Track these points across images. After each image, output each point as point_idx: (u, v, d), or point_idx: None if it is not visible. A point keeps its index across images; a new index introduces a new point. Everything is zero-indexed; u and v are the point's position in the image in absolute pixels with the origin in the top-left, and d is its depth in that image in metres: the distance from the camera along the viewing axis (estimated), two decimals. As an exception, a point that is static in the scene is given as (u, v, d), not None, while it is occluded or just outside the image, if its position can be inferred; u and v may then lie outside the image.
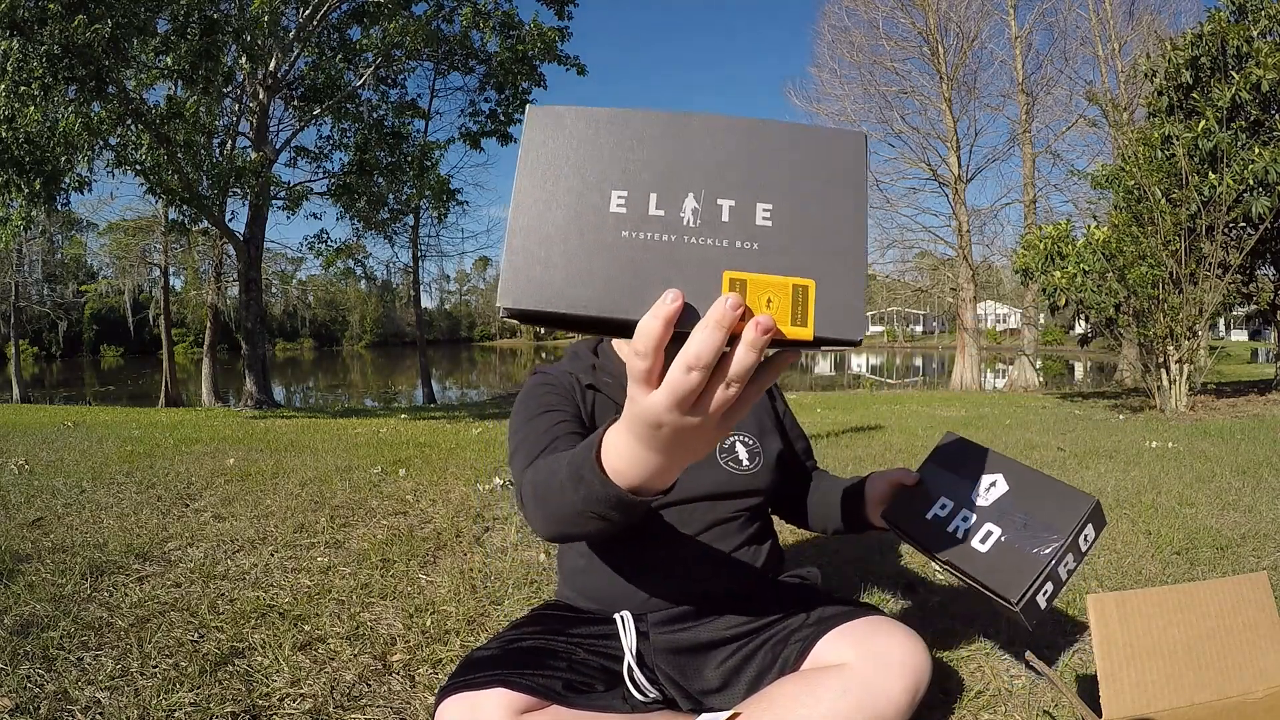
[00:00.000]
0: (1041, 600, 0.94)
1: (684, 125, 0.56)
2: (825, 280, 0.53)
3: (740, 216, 0.54)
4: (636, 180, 0.55)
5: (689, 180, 0.55)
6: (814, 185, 0.56)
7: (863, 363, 40.83)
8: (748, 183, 0.55)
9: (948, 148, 15.53)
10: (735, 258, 0.54)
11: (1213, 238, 6.20)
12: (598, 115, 0.57)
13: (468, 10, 11.80)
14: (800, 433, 1.36)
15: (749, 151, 0.56)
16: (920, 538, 1.05)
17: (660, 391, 0.54)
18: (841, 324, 0.53)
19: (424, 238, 17.43)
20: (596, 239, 0.54)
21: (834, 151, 0.56)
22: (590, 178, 0.55)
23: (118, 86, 7.43)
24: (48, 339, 34.93)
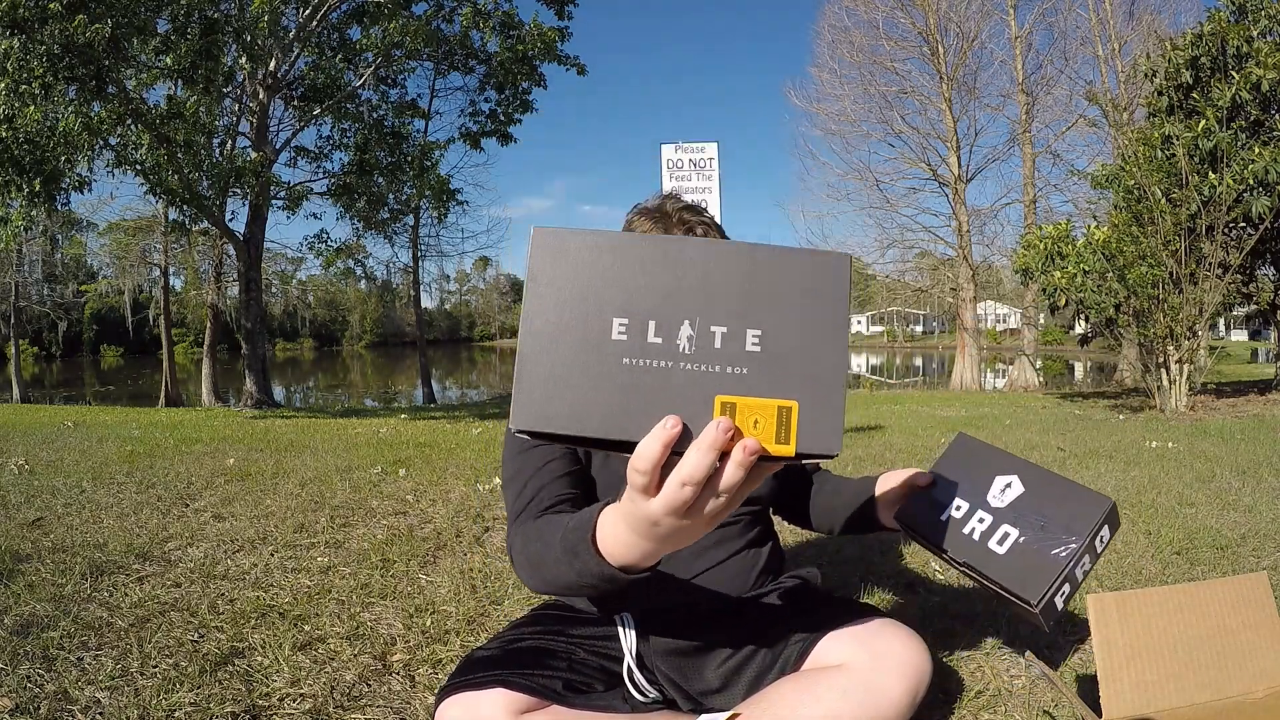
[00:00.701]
0: (1059, 601, 0.94)
1: (680, 251, 0.61)
2: (807, 401, 0.59)
3: (731, 343, 0.59)
4: (636, 308, 0.60)
5: (685, 308, 0.60)
6: (799, 309, 0.60)
7: (863, 363, 40.83)
8: (739, 310, 0.60)
9: (948, 148, 15.53)
10: (726, 382, 0.59)
11: (1213, 238, 6.20)
12: (600, 242, 0.61)
13: (468, 10, 11.80)
14: None
15: (741, 277, 0.60)
16: (935, 539, 1.05)
17: (657, 500, 0.59)
18: (821, 440, 0.58)
19: (424, 238, 17.45)
20: (600, 368, 0.59)
21: (819, 275, 0.61)
22: (593, 306, 0.60)
23: (118, 86, 7.43)
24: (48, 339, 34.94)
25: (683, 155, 4.18)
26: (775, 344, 0.60)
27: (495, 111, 13.61)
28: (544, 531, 0.89)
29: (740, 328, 0.60)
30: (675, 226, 1.09)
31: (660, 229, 1.09)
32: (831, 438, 0.59)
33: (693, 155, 4.18)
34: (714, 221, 1.13)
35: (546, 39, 11.91)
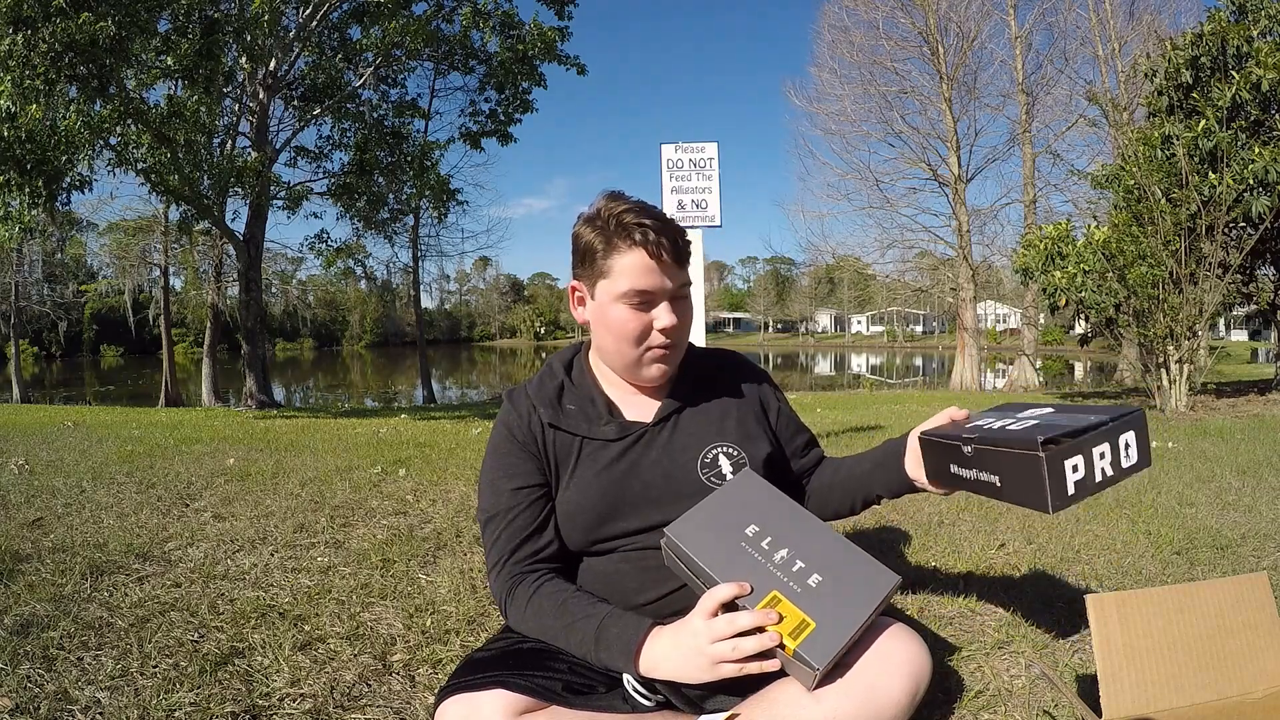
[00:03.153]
0: (1070, 476, 0.90)
1: (808, 519, 1.04)
2: (822, 628, 0.90)
3: (802, 573, 0.96)
4: (767, 526, 1.01)
5: (791, 542, 0.99)
6: (851, 584, 0.95)
7: (863, 363, 40.83)
8: (818, 561, 0.97)
9: (948, 148, 15.53)
10: (784, 588, 0.94)
11: (1213, 238, 6.20)
12: (775, 493, 1.06)
13: (468, 10, 11.80)
14: (799, 428, 1.31)
15: (830, 549, 1.00)
16: (953, 436, 1.03)
17: (707, 622, 0.91)
18: (814, 653, 0.88)
19: (424, 238, 17.47)
20: (731, 538, 0.99)
21: (877, 576, 0.97)
22: (748, 514, 1.02)
23: (118, 86, 7.42)
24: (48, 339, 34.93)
25: (683, 155, 4.18)
26: (824, 589, 0.94)
27: (495, 111, 13.61)
28: (565, 612, 1.03)
29: (812, 570, 0.96)
30: (627, 232, 1.05)
31: (600, 236, 1.07)
32: (821, 656, 0.88)
33: (693, 155, 4.18)
34: (657, 216, 1.07)
35: (546, 39, 11.90)
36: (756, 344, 62.82)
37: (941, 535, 2.34)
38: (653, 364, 1.11)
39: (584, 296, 1.14)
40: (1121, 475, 0.95)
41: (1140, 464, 0.96)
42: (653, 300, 1.07)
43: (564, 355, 1.24)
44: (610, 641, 0.96)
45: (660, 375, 1.14)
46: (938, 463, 1.08)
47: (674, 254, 1.07)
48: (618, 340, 1.10)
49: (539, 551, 1.10)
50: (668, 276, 1.07)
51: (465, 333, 78.00)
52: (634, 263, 1.05)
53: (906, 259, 17.40)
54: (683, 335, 1.13)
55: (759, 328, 73.41)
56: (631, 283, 1.05)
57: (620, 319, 1.08)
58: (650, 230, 1.04)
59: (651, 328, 1.08)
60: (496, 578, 1.11)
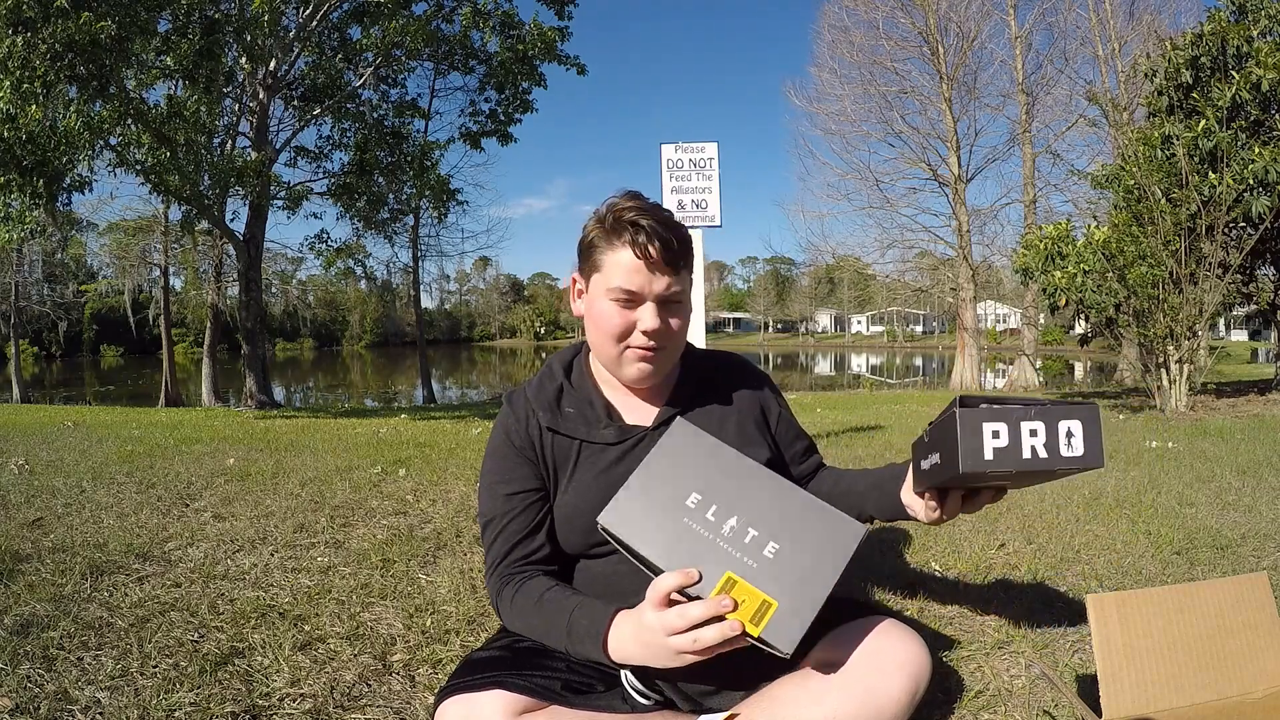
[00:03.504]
0: (988, 441, 0.86)
1: (753, 473, 0.92)
2: (785, 607, 0.83)
3: (756, 544, 0.87)
4: (709, 493, 0.90)
5: (739, 508, 0.89)
6: (812, 547, 0.87)
7: (863, 363, 40.83)
8: (772, 526, 0.88)
9: (948, 148, 15.52)
10: (739, 566, 0.85)
11: (1213, 238, 6.19)
12: (712, 446, 0.95)
13: (468, 10, 11.79)
14: (798, 433, 1.30)
15: (783, 506, 0.90)
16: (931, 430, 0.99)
17: (658, 616, 0.85)
18: (780, 637, 0.81)
19: (424, 238, 17.47)
20: (671, 516, 0.90)
21: (837, 531, 0.88)
22: (687, 478, 0.92)
23: (118, 86, 7.42)
24: (48, 339, 34.92)
25: (683, 155, 4.18)
26: (783, 559, 0.86)
27: (495, 111, 13.60)
28: (541, 608, 1.03)
29: (766, 538, 0.87)
30: (622, 230, 1.04)
31: (600, 230, 1.07)
32: (788, 641, 0.81)
33: (693, 155, 4.18)
34: (663, 214, 1.07)
35: (546, 39, 11.90)
36: (756, 344, 62.82)
37: (941, 535, 2.34)
38: (633, 364, 1.09)
39: (581, 289, 1.14)
40: (1062, 464, 0.89)
41: (1088, 460, 0.89)
42: (638, 300, 1.06)
43: (564, 356, 1.23)
44: (580, 634, 0.95)
45: (641, 376, 1.11)
46: (915, 467, 1.05)
47: (665, 257, 1.04)
48: (600, 335, 1.09)
49: (532, 554, 1.11)
50: (655, 279, 1.05)
51: (465, 333, 78.00)
52: (622, 260, 1.05)
53: (906, 259, 17.40)
54: (669, 340, 1.09)
55: (759, 328, 73.42)
56: (617, 280, 1.05)
57: (604, 314, 1.07)
58: (642, 231, 1.03)
59: (634, 327, 1.07)
60: (490, 580, 1.12)
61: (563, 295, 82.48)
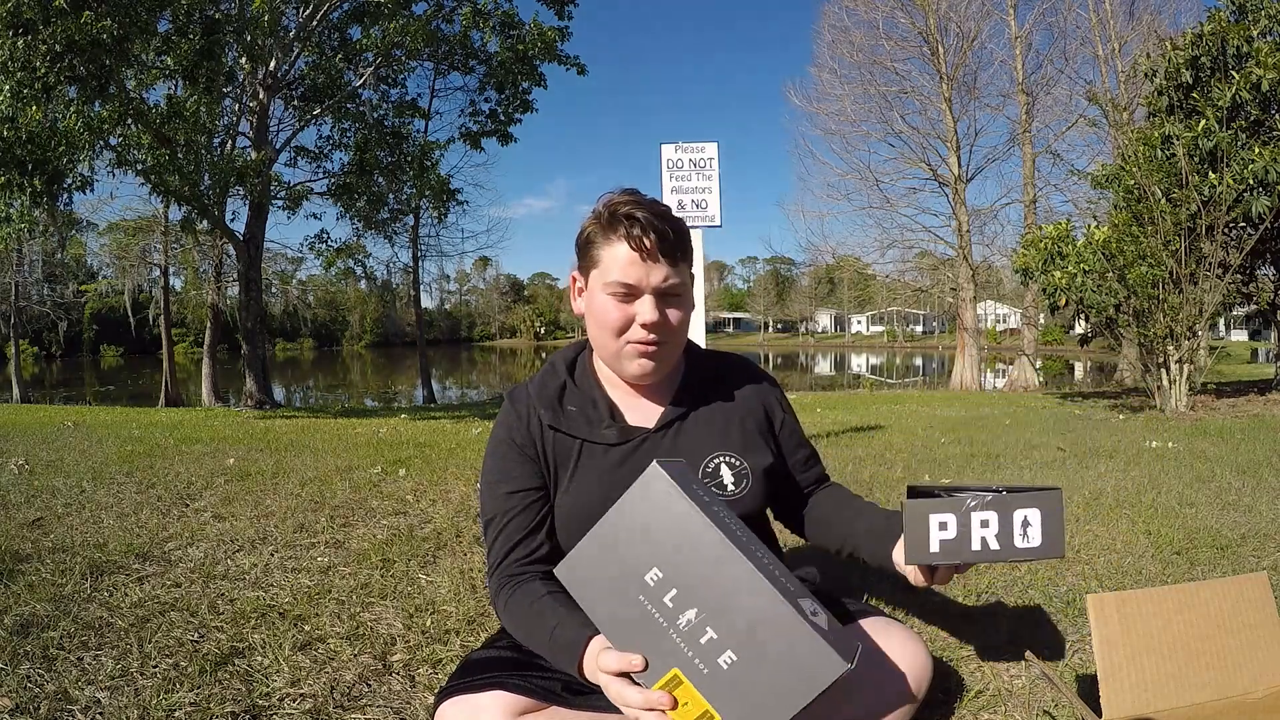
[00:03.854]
0: (934, 533, 0.86)
1: (728, 560, 0.76)
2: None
3: (712, 647, 0.75)
4: (671, 574, 0.78)
5: (701, 599, 0.76)
6: (775, 670, 0.73)
7: (863, 363, 40.84)
8: (735, 632, 0.74)
9: (948, 148, 15.53)
10: (687, 666, 0.76)
11: (1213, 238, 6.19)
12: (690, 513, 0.79)
13: (468, 10, 11.79)
14: (802, 442, 1.27)
15: (755, 611, 0.74)
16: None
17: (606, 683, 0.84)
18: None
19: (424, 238, 17.46)
20: (624, 586, 0.80)
21: (813, 660, 0.72)
22: (651, 546, 0.79)
23: (119, 86, 7.42)
24: (48, 339, 34.89)
25: (682, 155, 4.18)
26: (737, 673, 0.74)
27: (495, 111, 13.60)
28: (530, 615, 1.02)
29: (726, 645, 0.75)
30: (617, 224, 1.04)
31: (597, 226, 1.07)
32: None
33: (693, 155, 4.18)
34: (659, 207, 1.06)
35: (546, 39, 11.90)
36: (756, 344, 62.81)
37: (941, 535, 2.34)
38: (633, 359, 1.08)
39: (581, 287, 1.14)
40: (1017, 555, 0.87)
41: (1046, 550, 0.86)
42: (635, 293, 1.05)
43: (567, 354, 1.22)
44: (560, 647, 0.95)
45: (642, 372, 1.10)
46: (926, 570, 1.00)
47: (662, 249, 1.04)
48: (600, 330, 1.08)
49: (532, 554, 1.10)
50: (652, 271, 1.04)
51: (465, 333, 77.99)
52: (619, 254, 1.04)
53: (906, 259, 17.41)
54: (670, 334, 1.08)
55: (759, 328, 73.41)
56: (615, 274, 1.04)
57: (603, 309, 1.06)
58: (638, 223, 1.03)
59: (633, 321, 1.06)
60: (491, 580, 1.11)
61: (563, 295, 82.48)
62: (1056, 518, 0.87)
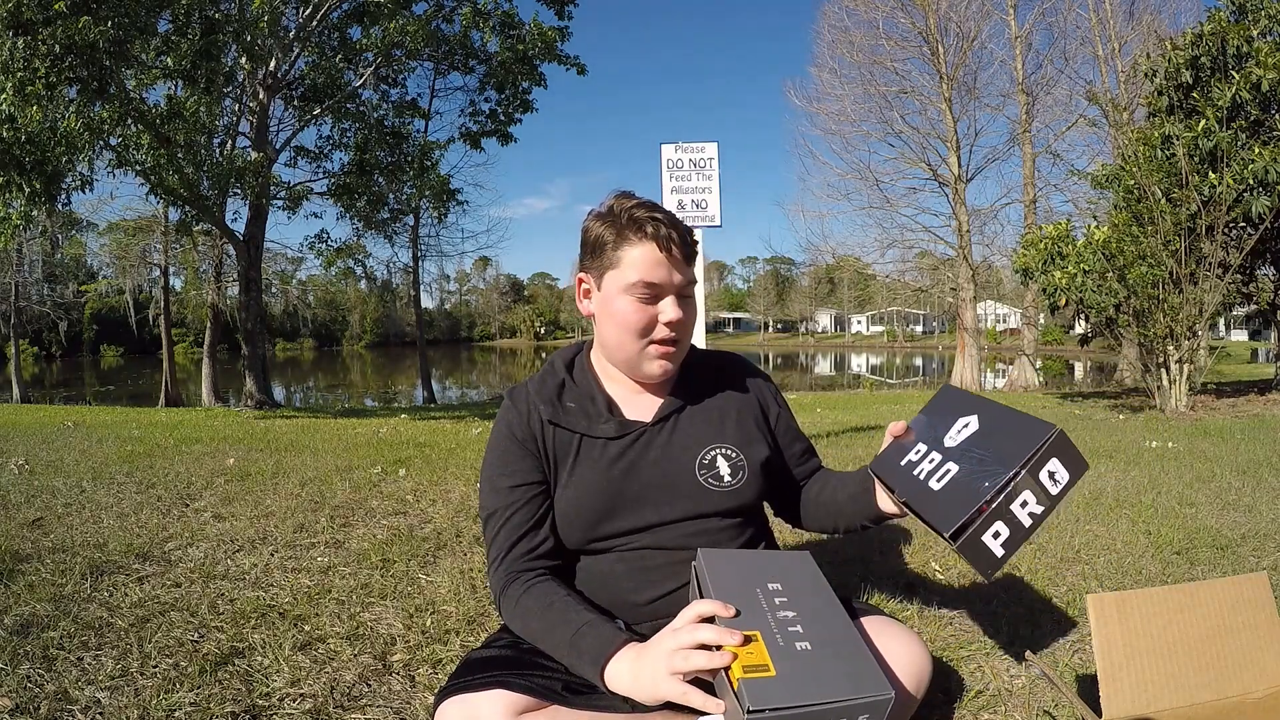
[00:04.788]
0: (994, 544, 0.88)
1: (831, 602, 0.94)
2: (779, 680, 0.78)
3: (794, 635, 0.85)
4: (789, 589, 0.94)
5: (800, 606, 0.90)
6: (835, 664, 0.82)
7: (863, 363, 40.84)
8: (817, 634, 0.85)
9: (948, 148, 15.52)
10: (767, 633, 0.85)
11: (1213, 237, 6.20)
12: (818, 578, 1.00)
13: (468, 10, 11.79)
14: (797, 435, 1.30)
15: (835, 631, 0.88)
16: (893, 483, 1.03)
17: (677, 627, 0.89)
18: (753, 694, 0.76)
19: (424, 238, 17.48)
20: (749, 580, 0.95)
21: (861, 675, 0.81)
22: (781, 576, 0.97)
23: (119, 87, 7.42)
24: (48, 339, 34.90)
25: (682, 155, 4.18)
26: (804, 657, 0.82)
27: (495, 111, 13.60)
28: (547, 615, 1.02)
29: (806, 637, 0.85)
30: (642, 226, 1.07)
31: (612, 229, 1.09)
32: (755, 700, 0.76)
33: (693, 155, 4.18)
34: (668, 213, 1.09)
35: (546, 38, 11.90)
36: (756, 344, 62.81)
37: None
38: (655, 359, 1.11)
39: (590, 289, 1.15)
40: (1054, 504, 0.90)
41: (1073, 479, 0.91)
42: (659, 294, 1.08)
43: (566, 353, 1.24)
44: (584, 651, 0.95)
45: (661, 372, 1.13)
46: (890, 492, 1.06)
47: (682, 250, 1.08)
48: (621, 332, 1.10)
49: (536, 548, 1.10)
50: (676, 271, 1.08)
51: (465, 333, 78.00)
52: (644, 255, 1.07)
53: (906, 259, 17.40)
54: (686, 333, 1.13)
55: (759, 328, 73.42)
56: (640, 275, 1.06)
57: (625, 311, 1.08)
58: (661, 225, 1.06)
59: (656, 321, 1.09)
60: (493, 574, 1.11)
61: (562, 295, 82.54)
62: (1070, 449, 0.91)
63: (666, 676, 0.84)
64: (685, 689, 0.83)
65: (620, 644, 0.93)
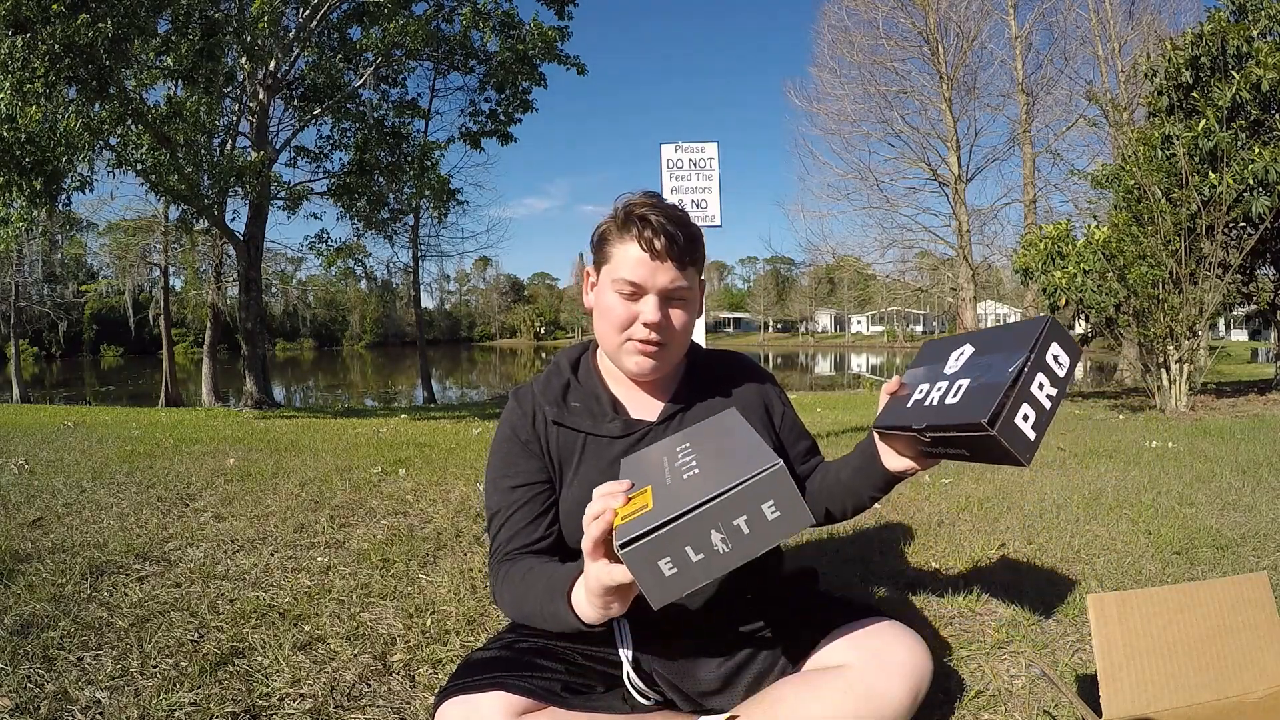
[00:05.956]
0: (1025, 427, 0.90)
1: (741, 428, 0.93)
2: (652, 510, 0.75)
3: (685, 468, 0.84)
4: (697, 442, 0.94)
5: (701, 448, 0.90)
6: (715, 472, 0.78)
7: (863, 363, 40.84)
8: (707, 457, 0.85)
9: (948, 148, 15.53)
10: (659, 483, 0.83)
11: (1213, 237, 6.19)
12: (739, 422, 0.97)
13: (468, 10, 11.79)
14: (802, 434, 1.30)
15: (730, 443, 0.87)
16: (903, 423, 1.03)
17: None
18: (624, 530, 0.74)
19: (424, 238, 17.45)
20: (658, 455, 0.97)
21: (749, 461, 0.77)
22: (694, 435, 0.99)
23: (118, 87, 7.42)
24: (48, 339, 34.90)
25: (682, 155, 4.18)
26: (689, 481, 0.79)
27: (495, 111, 13.60)
28: (525, 579, 1.02)
29: (695, 465, 0.84)
30: (631, 224, 1.08)
31: (613, 224, 1.10)
32: (625, 533, 0.73)
33: (692, 155, 4.18)
34: (675, 212, 1.10)
35: (546, 38, 11.90)
36: (756, 344, 62.80)
37: (941, 535, 2.34)
38: (633, 355, 1.11)
39: (593, 281, 1.17)
40: (1064, 386, 0.94)
41: (1074, 361, 0.94)
42: (641, 293, 1.08)
43: (571, 353, 1.25)
44: (555, 588, 0.95)
45: (640, 370, 1.12)
46: (909, 446, 1.06)
47: (670, 252, 1.06)
48: (604, 324, 1.12)
49: (534, 543, 1.11)
50: (659, 272, 1.07)
51: (465, 333, 78.01)
52: (629, 253, 1.07)
53: (906, 259, 17.42)
54: (671, 336, 1.11)
55: (759, 328, 73.41)
56: (624, 271, 1.07)
57: (609, 304, 1.10)
58: (649, 225, 1.06)
59: (636, 319, 1.09)
60: (491, 568, 1.12)
61: (562, 295, 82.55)
62: (1066, 336, 0.95)
63: (589, 566, 0.83)
64: (610, 568, 0.81)
65: (580, 572, 0.91)
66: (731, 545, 0.73)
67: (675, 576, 0.73)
